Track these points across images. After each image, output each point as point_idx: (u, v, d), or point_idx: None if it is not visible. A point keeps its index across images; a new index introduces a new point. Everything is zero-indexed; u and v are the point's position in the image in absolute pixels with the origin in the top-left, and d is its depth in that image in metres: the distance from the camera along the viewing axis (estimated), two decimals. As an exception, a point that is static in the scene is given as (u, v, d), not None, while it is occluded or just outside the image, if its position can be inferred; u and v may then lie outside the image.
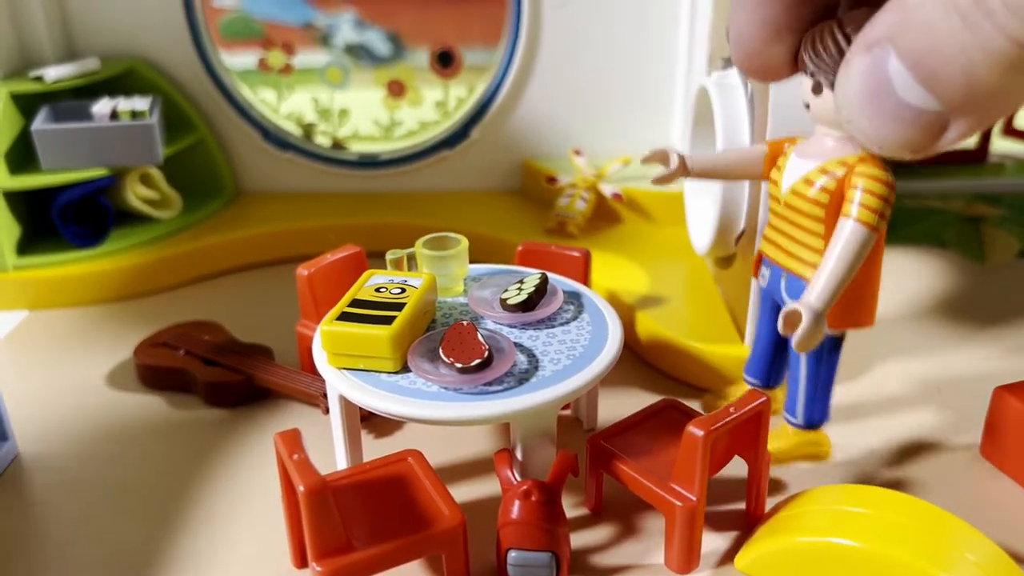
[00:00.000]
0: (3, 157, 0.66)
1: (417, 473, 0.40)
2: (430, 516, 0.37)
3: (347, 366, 0.42)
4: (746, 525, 0.43)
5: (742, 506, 0.44)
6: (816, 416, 0.45)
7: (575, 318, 0.46)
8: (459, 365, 0.40)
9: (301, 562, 0.40)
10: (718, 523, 0.43)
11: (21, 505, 0.46)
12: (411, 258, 0.49)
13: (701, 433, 0.37)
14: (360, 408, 0.44)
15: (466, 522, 0.37)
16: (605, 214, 0.74)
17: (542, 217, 0.74)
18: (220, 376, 0.54)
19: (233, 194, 0.81)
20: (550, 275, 0.49)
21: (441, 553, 0.37)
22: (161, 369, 0.56)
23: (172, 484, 0.47)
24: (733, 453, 0.42)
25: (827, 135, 0.39)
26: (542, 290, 0.47)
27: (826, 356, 0.44)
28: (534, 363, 0.42)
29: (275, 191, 0.82)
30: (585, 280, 0.52)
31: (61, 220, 0.69)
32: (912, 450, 0.49)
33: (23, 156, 0.69)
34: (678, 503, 0.38)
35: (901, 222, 0.79)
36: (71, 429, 0.52)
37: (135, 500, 0.46)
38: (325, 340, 0.42)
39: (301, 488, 0.34)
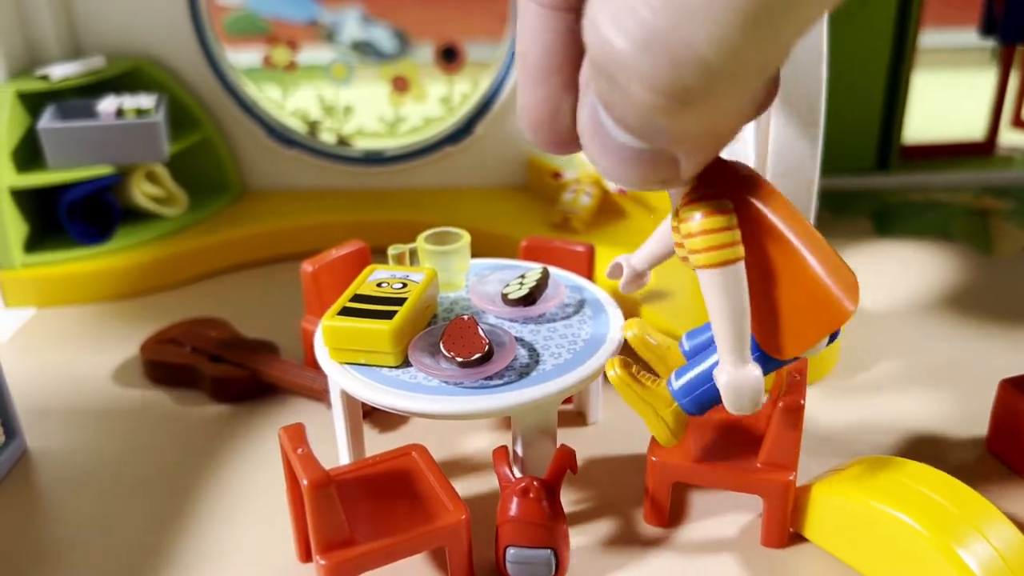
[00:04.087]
0: (10, 155, 0.67)
1: (421, 467, 0.40)
2: (434, 510, 0.37)
3: (348, 360, 0.42)
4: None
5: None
6: (686, 398, 0.38)
7: (576, 312, 0.46)
8: (460, 359, 0.40)
9: (306, 556, 0.41)
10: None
11: (30, 500, 0.46)
12: (413, 253, 0.49)
13: None
14: (363, 403, 0.44)
15: (469, 516, 0.37)
16: (610, 209, 0.74)
17: (547, 212, 0.74)
18: (225, 372, 0.54)
19: (238, 191, 0.81)
20: (552, 269, 0.49)
21: (444, 547, 0.37)
22: (167, 365, 0.56)
23: (179, 479, 0.47)
24: None
25: None
26: (543, 284, 0.47)
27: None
28: (535, 357, 0.42)
29: (280, 188, 0.82)
30: (590, 275, 0.52)
31: (68, 218, 0.69)
32: (919, 443, 0.49)
33: (30, 154, 0.69)
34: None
35: (908, 215, 0.78)
36: (79, 425, 0.52)
37: (142, 495, 0.46)
38: (326, 335, 0.42)
39: (305, 482, 0.34)
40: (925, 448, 0.48)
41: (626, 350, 0.42)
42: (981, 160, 0.88)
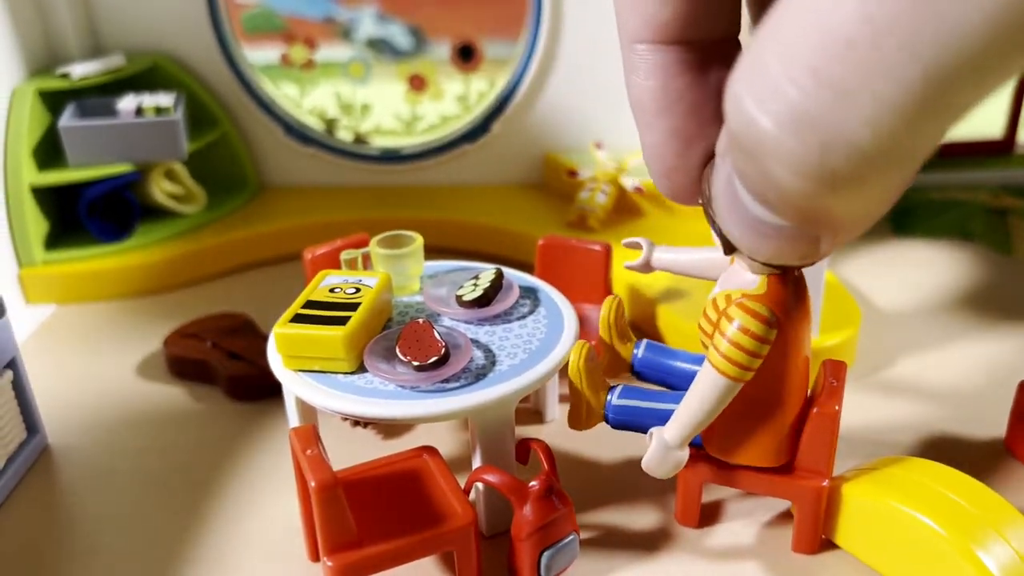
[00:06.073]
0: (31, 153, 0.67)
1: (432, 470, 0.40)
2: (442, 513, 0.38)
3: (303, 368, 0.41)
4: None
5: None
6: (616, 416, 0.41)
7: (531, 312, 0.46)
8: (416, 363, 0.40)
9: (316, 555, 0.41)
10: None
11: (51, 496, 0.47)
12: (367, 257, 0.49)
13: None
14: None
15: (478, 520, 0.37)
16: (626, 207, 0.73)
17: (563, 211, 0.74)
18: (240, 370, 0.54)
19: (256, 189, 0.82)
20: (505, 270, 0.49)
21: (453, 550, 0.38)
22: (186, 360, 0.56)
23: (195, 476, 0.48)
24: None
25: (746, 268, 0.34)
26: (497, 285, 0.46)
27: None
28: (491, 358, 0.42)
29: (298, 185, 0.83)
30: (607, 274, 0.52)
31: (88, 215, 0.70)
32: (937, 442, 0.49)
33: (50, 152, 0.70)
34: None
35: (926, 214, 0.78)
36: (98, 421, 0.53)
37: (159, 492, 0.47)
38: (279, 343, 0.41)
39: (312, 483, 0.34)
40: (943, 448, 0.48)
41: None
42: (1000, 159, 0.87)
